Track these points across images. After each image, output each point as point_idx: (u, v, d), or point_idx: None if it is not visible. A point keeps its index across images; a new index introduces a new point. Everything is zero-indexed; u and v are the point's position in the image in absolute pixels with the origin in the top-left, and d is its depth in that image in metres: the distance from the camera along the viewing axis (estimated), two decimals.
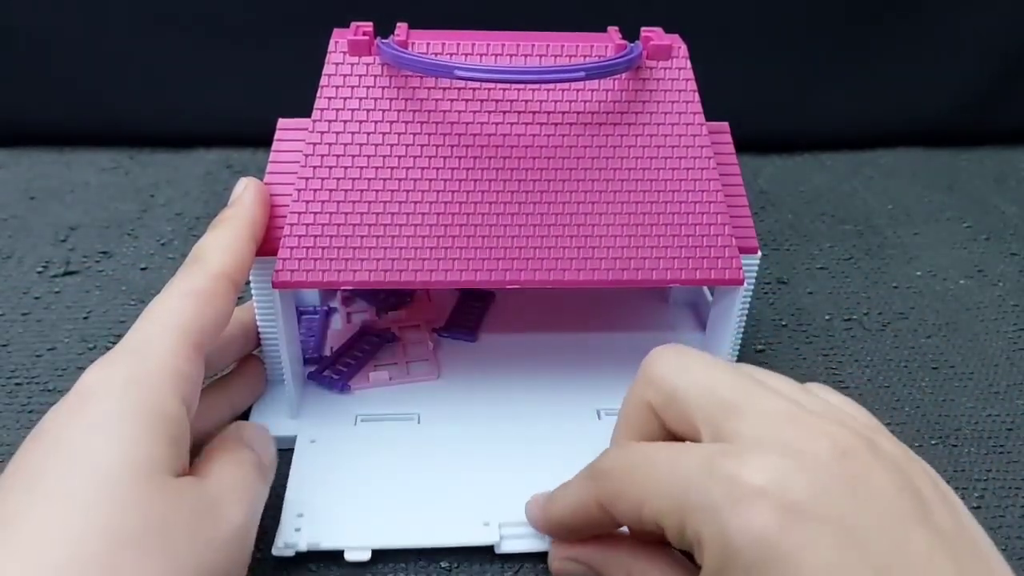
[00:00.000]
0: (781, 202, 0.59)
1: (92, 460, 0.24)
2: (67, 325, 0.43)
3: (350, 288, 0.42)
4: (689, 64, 0.35)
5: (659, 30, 0.36)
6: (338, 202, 0.33)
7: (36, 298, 0.45)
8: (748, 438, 0.23)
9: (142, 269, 0.48)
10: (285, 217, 0.33)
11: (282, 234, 0.33)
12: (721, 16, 0.60)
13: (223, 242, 0.31)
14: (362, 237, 0.33)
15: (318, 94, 0.33)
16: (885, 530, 0.21)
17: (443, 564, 0.31)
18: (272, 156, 0.35)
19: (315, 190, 0.33)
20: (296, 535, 0.31)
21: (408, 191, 0.33)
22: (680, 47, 0.35)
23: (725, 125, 0.37)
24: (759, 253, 0.35)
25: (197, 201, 0.56)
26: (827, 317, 0.46)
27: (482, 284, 0.33)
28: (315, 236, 0.33)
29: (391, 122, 0.33)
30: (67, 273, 0.48)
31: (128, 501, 0.24)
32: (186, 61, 0.61)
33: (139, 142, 0.63)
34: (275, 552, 0.30)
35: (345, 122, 0.33)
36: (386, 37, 0.34)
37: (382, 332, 0.41)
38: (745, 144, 0.38)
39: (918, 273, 0.51)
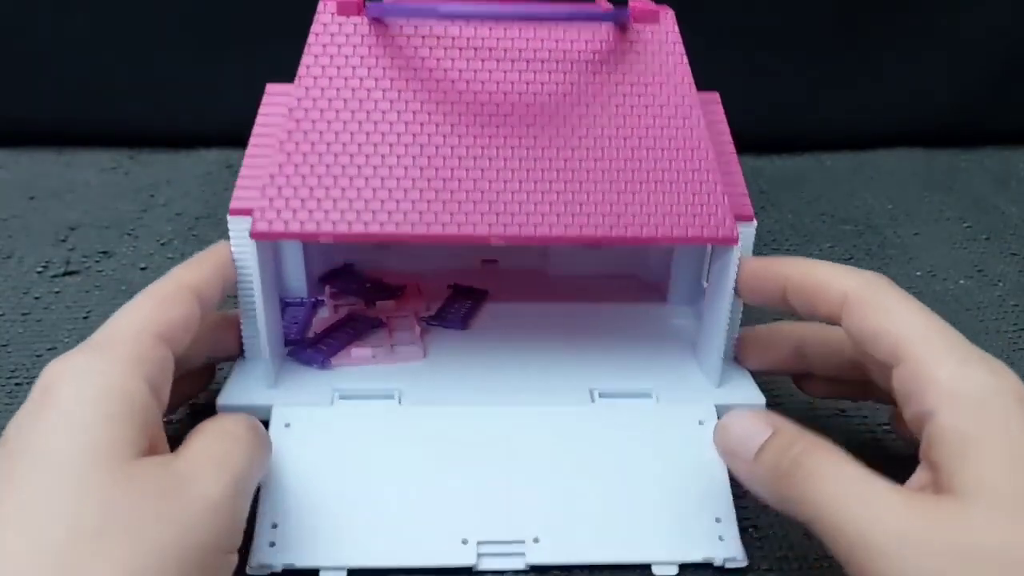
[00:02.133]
0: (781, 202, 0.59)
1: (50, 452, 0.24)
2: (67, 325, 0.43)
3: (337, 290, 0.42)
4: (677, 28, 0.35)
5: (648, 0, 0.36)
6: (320, 154, 0.32)
7: (36, 298, 0.45)
8: None
9: (142, 269, 0.48)
10: (267, 169, 0.32)
11: (262, 184, 0.32)
12: (721, 16, 0.60)
13: (187, 265, 0.32)
14: (343, 189, 0.32)
15: (305, 51, 0.33)
16: None
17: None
18: (259, 120, 0.35)
19: (298, 142, 0.32)
20: (271, 552, 0.30)
21: (392, 144, 0.32)
22: (668, 13, 0.35)
23: (715, 95, 0.37)
24: (755, 221, 0.34)
25: (197, 201, 0.56)
26: None
27: (467, 238, 0.32)
28: (295, 187, 0.32)
29: (377, 79, 0.33)
30: (67, 273, 0.48)
31: (85, 490, 0.23)
32: (186, 61, 0.61)
33: (139, 142, 0.63)
34: (250, 572, 0.30)
35: (331, 78, 0.33)
36: None
37: (369, 318, 0.41)
38: (745, 144, 0.38)
39: (918, 273, 0.51)
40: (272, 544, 0.30)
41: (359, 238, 0.32)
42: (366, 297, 0.43)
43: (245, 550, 0.30)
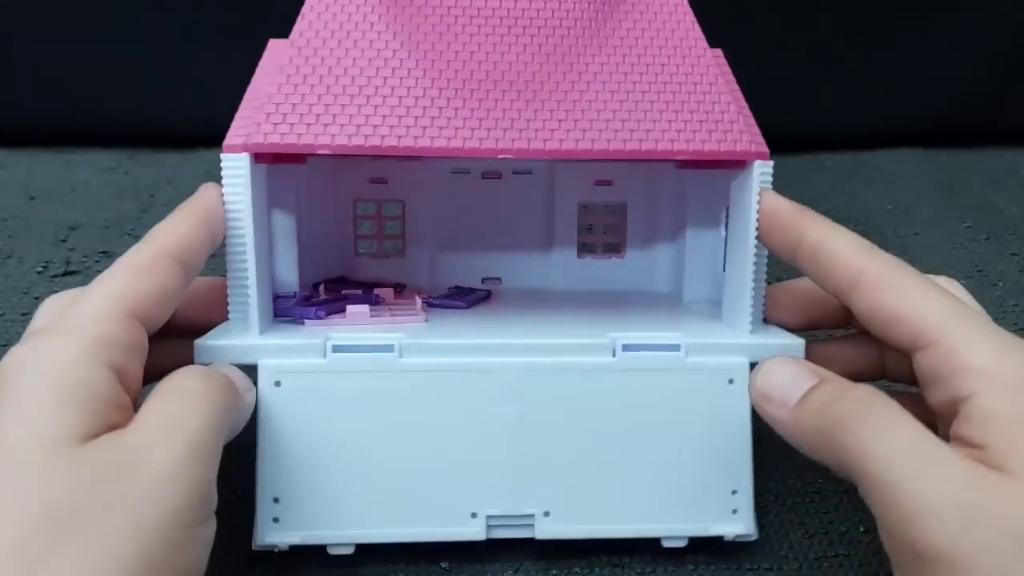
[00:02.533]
0: None
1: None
2: None
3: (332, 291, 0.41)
4: None
5: None
6: (321, 76, 0.32)
7: (36, 298, 0.45)
8: None
9: None
10: (267, 89, 0.32)
11: (260, 105, 0.32)
12: (720, 17, 0.60)
13: (169, 223, 0.30)
14: (343, 106, 0.31)
15: None
16: None
17: (443, 565, 0.31)
18: (259, 69, 0.35)
19: (298, 66, 0.32)
20: (275, 529, 0.29)
21: (394, 68, 0.32)
22: None
23: (719, 51, 0.37)
24: (771, 161, 0.33)
25: None
26: None
27: (471, 152, 0.31)
28: (294, 104, 0.31)
29: (381, 13, 0.33)
30: (67, 273, 0.48)
31: (28, 486, 0.22)
32: (186, 61, 0.61)
33: (139, 142, 0.63)
34: (256, 548, 0.29)
35: (335, 13, 0.33)
36: None
37: (367, 295, 0.39)
38: None
39: None
40: (276, 520, 0.29)
41: (358, 151, 0.31)
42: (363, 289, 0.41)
43: (249, 525, 0.30)
